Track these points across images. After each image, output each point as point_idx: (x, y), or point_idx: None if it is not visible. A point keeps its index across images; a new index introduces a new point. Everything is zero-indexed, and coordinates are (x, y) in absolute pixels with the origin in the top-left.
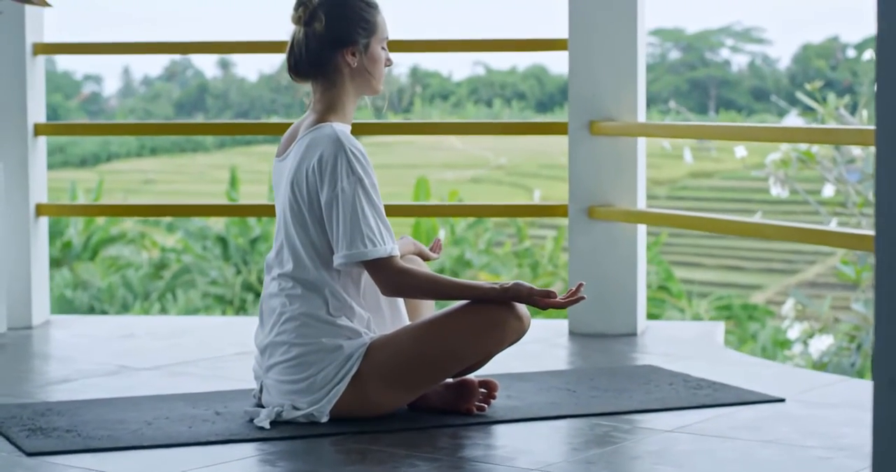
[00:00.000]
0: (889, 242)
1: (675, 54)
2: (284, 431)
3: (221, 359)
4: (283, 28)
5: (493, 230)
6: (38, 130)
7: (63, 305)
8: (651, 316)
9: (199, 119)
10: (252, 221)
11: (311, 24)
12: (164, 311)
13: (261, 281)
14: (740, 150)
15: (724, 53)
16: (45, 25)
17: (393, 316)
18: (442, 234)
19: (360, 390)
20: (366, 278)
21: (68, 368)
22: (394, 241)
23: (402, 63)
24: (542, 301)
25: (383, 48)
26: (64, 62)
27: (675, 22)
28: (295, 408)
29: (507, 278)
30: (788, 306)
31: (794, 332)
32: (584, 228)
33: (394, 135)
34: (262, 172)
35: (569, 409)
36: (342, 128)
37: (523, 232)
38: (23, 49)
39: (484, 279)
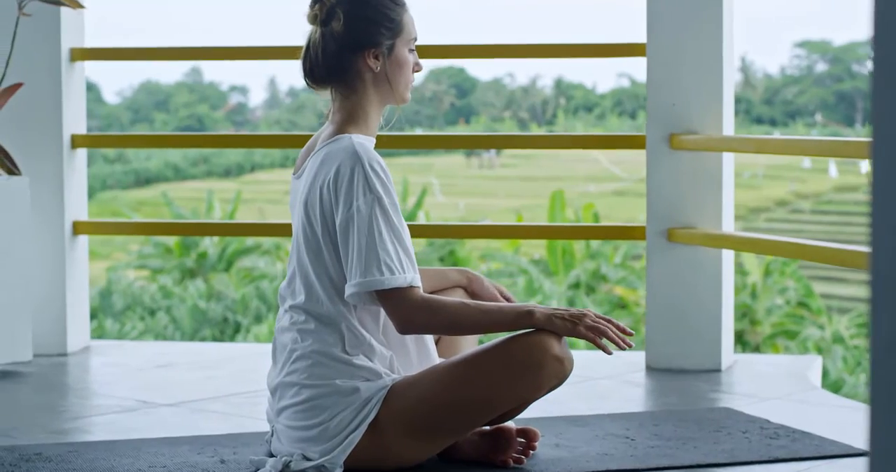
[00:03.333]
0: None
1: (821, 66)
2: None
3: (252, 395)
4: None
5: (629, 243)
6: (76, 141)
7: (196, 315)
8: (789, 335)
9: None
10: None
11: (328, 23)
12: None
13: None
14: None
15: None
16: (87, 30)
17: (420, 355)
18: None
19: (378, 439)
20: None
21: (84, 403)
22: (415, 270)
23: (547, 75)
24: (568, 329)
25: (411, 51)
26: (210, 73)
27: (821, 34)
28: (305, 458)
29: (641, 293)
30: None
31: None
32: (662, 252)
33: (461, 148)
34: (396, 183)
35: (621, 462)
36: (362, 140)
37: None
38: (58, 54)
39: (619, 294)
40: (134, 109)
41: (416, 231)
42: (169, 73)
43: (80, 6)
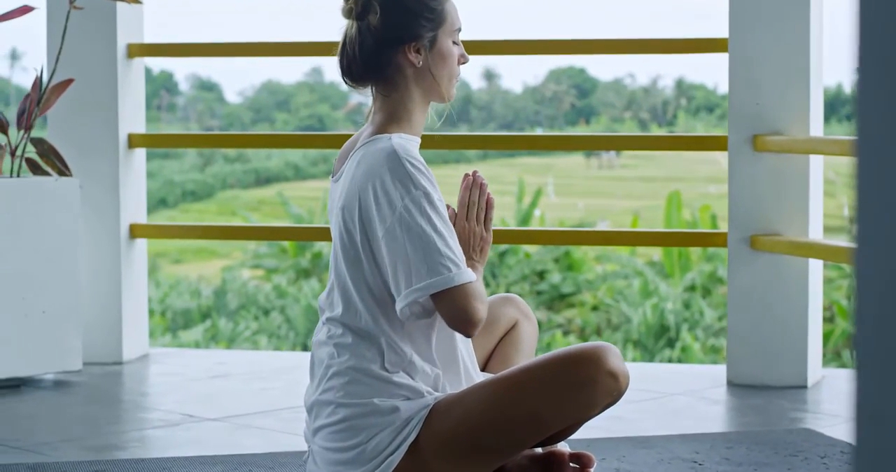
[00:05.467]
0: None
1: None
2: None
3: (303, 409)
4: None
5: None
6: (133, 141)
7: (310, 315)
8: None
9: (462, 131)
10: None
11: (364, 17)
12: None
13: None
14: None
15: None
16: (146, 25)
17: (469, 372)
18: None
19: (418, 463)
20: (439, 323)
21: (127, 416)
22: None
23: (668, 75)
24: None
25: (455, 43)
26: (331, 73)
27: None
28: None
29: None
30: None
31: None
32: (745, 260)
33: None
34: (513, 184)
35: None
36: (402, 140)
37: None
38: (114, 50)
39: None
40: (255, 108)
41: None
42: (290, 72)
43: (137, 1)
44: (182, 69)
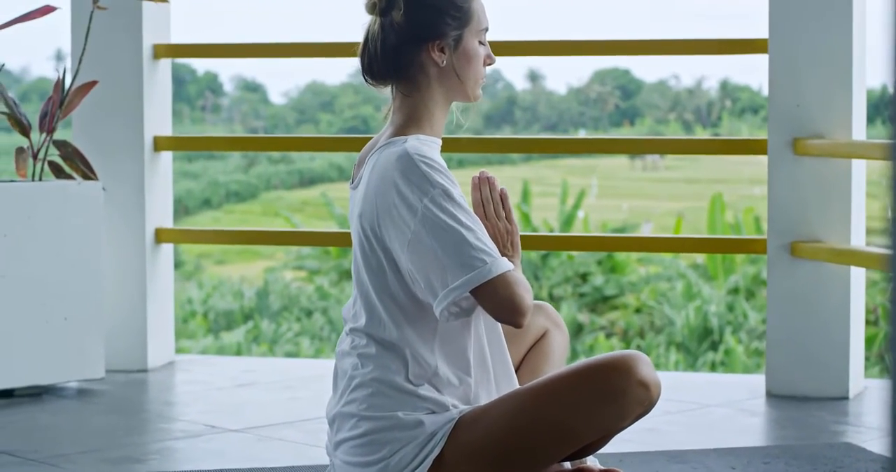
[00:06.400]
0: None
1: None
2: None
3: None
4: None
5: None
6: (159, 144)
7: None
8: None
9: (507, 133)
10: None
11: (388, 12)
12: None
13: (553, 296)
14: None
15: None
16: (173, 26)
17: (502, 382)
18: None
19: None
20: (475, 330)
21: (147, 427)
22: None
23: (712, 76)
24: None
25: (481, 43)
26: None
27: None
28: None
29: None
30: None
31: None
32: (785, 267)
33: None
34: (557, 185)
35: None
36: (418, 141)
37: None
38: (139, 51)
39: None
40: (299, 109)
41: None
42: (334, 74)
43: (164, 0)
44: (227, 70)
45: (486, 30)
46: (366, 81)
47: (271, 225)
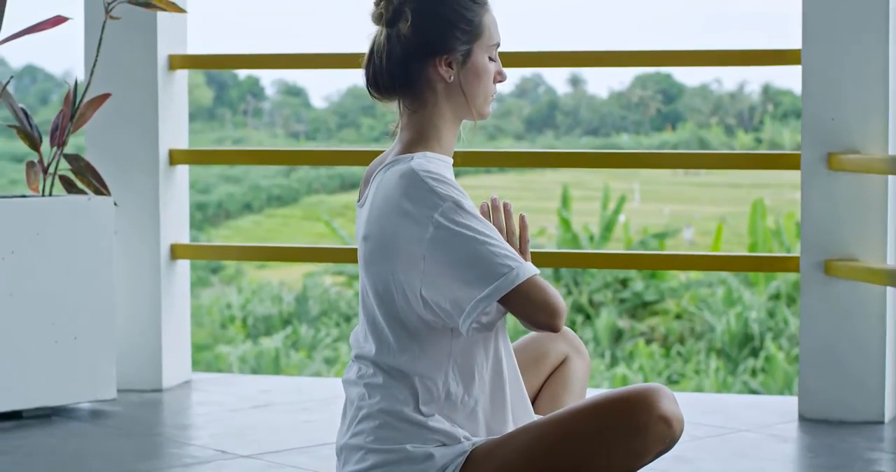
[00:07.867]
0: None
1: None
2: None
3: None
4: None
5: None
6: (175, 157)
7: None
8: None
9: (549, 137)
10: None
11: (395, 24)
12: None
13: (593, 302)
14: None
15: None
16: (190, 37)
17: (518, 411)
18: None
19: None
20: (493, 353)
21: (155, 452)
22: None
23: (754, 80)
24: None
25: (492, 59)
26: None
27: None
28: None
29: None
30: None
31: None
32: (819, 286)
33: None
34: (598, 190)
35: None
36: (424, 159)
37: None
38: (154, 62)
39: None
40: (341, 114)
41: (541, 259)
42: None
43: (181, 10)
44: (268, 74)
45: (498, 45)
46: (371, 94)
47: (312, 229)
